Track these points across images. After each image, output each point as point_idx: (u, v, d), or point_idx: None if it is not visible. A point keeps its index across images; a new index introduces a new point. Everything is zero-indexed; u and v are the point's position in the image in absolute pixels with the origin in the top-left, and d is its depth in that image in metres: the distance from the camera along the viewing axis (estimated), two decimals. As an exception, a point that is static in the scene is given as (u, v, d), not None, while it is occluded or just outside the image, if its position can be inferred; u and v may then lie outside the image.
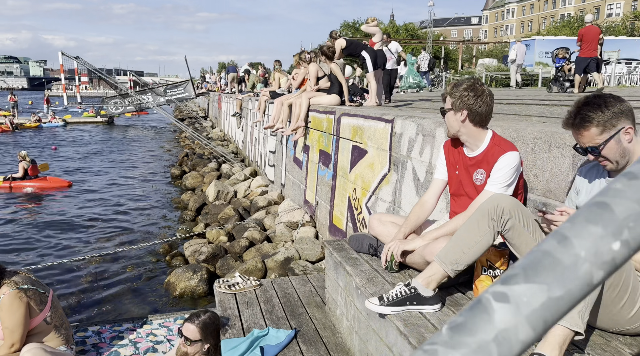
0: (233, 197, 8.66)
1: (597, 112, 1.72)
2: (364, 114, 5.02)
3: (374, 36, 9.15)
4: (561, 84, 12.33)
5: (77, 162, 15.28)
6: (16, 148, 18.45)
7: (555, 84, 12.60)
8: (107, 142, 21.12)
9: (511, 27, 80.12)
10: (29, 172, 11.45)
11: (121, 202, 9.97)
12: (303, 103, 7.08)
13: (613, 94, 1.82)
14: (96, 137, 23.07)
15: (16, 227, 8.24)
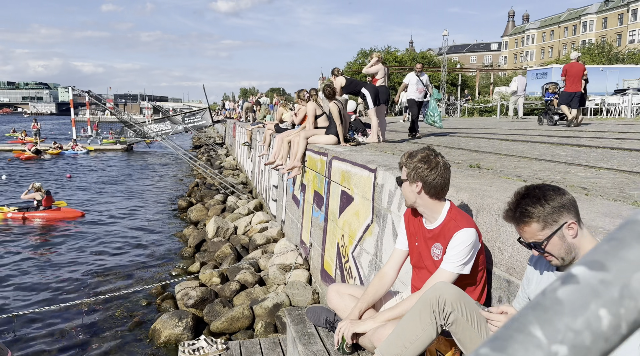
0: (233, 233, 8.59)
1: (537, 207, 1.59)
2: (352, 160, 4.91)
3: (377, 73, 9.13)
4: (550, 117, 13.03)
5: (91, 191, 15.50)
6: (36, 176, 18.88)
7: (546, 116, 13.33)
8: (124, 170, 21.44)
9: (531, 53, 79.82)
10: (43, 203, 11.64)
11: (127, 235, 10.01)
12: (300, 142, 7.03)
13: (554, 186, 1.69)
14: (114, 165, 23.47)
15: (17, 262, 8.30)
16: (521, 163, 5.25)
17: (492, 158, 5.82)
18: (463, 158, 5.82)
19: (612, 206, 2.39)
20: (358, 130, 9.02)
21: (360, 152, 5.70)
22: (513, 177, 3.72)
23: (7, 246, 9.47)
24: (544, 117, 13.42)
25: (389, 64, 43.15)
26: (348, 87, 8.78)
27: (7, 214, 11.61)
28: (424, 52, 49.88)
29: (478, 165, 4.53)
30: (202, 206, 11.29)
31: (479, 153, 6.59)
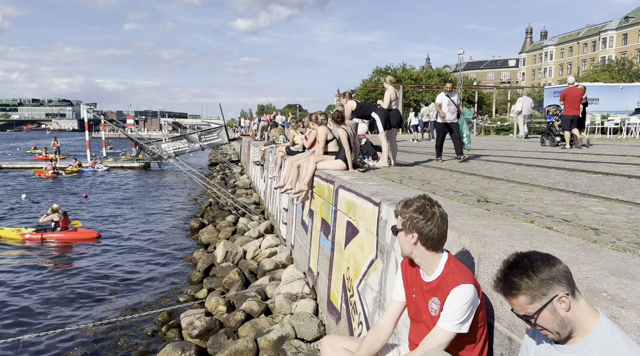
0: (242, 257, 8.53)
1: (524, 279, 1.49)
2: (357, 191, 4.82)
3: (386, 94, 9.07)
4: (552, 139, 13.50)
5: (107, 211, 15.65)
6: (55, 194, 19.17)
7: (548, 138, 13.82)
8: (140, 189, 21.64)
9: (549, 69, 79.14)
10: (60, 224, 11.75)
11: (139, 258, 10.03)
12: (309, 166, 6.97)
13: (544, 255, 1.57)
14: (130, 183, 23.74)
15: (26, 283, 8.36)
16: (533, 195, 5.10)
17: (504, 188, 5.67)
18: (473, 186, 5.69)
19: (621, 259, 2.25)
20: (369, 154, 8.94)
21: (367, 180, 5.61)
22: (521, 216, 3.58)
23: (21, 267, 9.56)
24: (546, 138, 13.93)
25: (404, 81, 43.15)
26: (359, 111, 8.74)
27: (25, 235, 11.74)
28: (439, 70, 49.83)
29: (486, 199, 4.39)
30: (213, 228, 11.28)
31: (490, 181, 6.44)
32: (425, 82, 43.78)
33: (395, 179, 6.13)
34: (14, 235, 11.81)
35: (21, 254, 10.53)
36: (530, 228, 2.99)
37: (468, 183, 6.10)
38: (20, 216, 14.80)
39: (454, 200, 4.20)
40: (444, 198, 4.28)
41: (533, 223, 3.26)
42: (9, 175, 26.25)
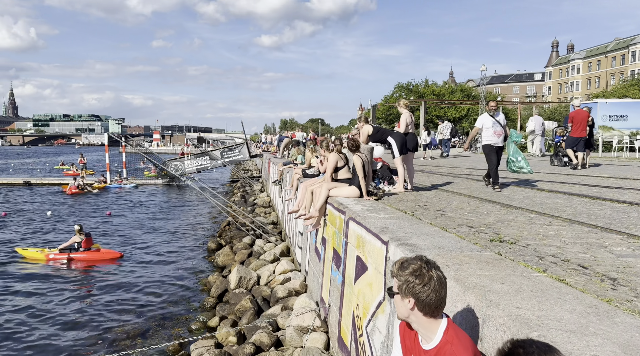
0: (255, 283, 8.45)
1: None
2: (367, 225, 4.70)
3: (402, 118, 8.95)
4: (560, 159, 14.00)
5: (129, 229, 15.83)
6: (80, 211, 19.54)
7: (556, 158, 14.32)
8: (163, 206, 21.88)
9: (576, 83, 77.63)
10: (83, 245, 11.91)
11: (155, 280, 10.05)
12: (322, 193, 6.88)
13: (542, 345, 1.44)
14: (154, 200, 24.03)
15: (43, 307, 8.43)
16: (551, 229, 4.88)
17: (522, 220, 5.46)
18: (490, 218, 5.49)
19: (635, 329, 2.07)
20: (384, 178, 8.81)
21: (378, 212, 5.48)
22: (534, 262, 3.40)
23: (40, 289, 9.69)
24: (554, 158, 14.44)
25: (426, 97, 42.86)
26: (375, 135, 8.64)
27: (50, 255, 11.90)
28: (462, 85, 49.38)
29: (500, 239, 4.21)
30: (229, 250, 11.26)
31: (509, 210, 6.22)
32: (447, 98, 43.39)
33: (409, 209, 5.98)
34: (38, 255, 12.00)
35: (44, 275, 10.68)
36: (541, 281, 2.82)
37: (485, 214, 5.91)
38: (45, 234, 15.08)
39: (465, 240, 4.04)
40: (455, 237, 4.12)
41: (546, 273, 3.08)
42: (37, 191, 26.91)
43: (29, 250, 12.29)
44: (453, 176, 12.32)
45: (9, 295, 9.23)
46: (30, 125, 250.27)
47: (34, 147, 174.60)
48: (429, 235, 4.16)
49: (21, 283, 10.08)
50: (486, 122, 8.36)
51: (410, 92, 45.30)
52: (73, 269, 11.18)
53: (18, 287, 9.84)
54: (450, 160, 19.96)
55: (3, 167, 52.25)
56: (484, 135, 8.46)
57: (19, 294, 9.43)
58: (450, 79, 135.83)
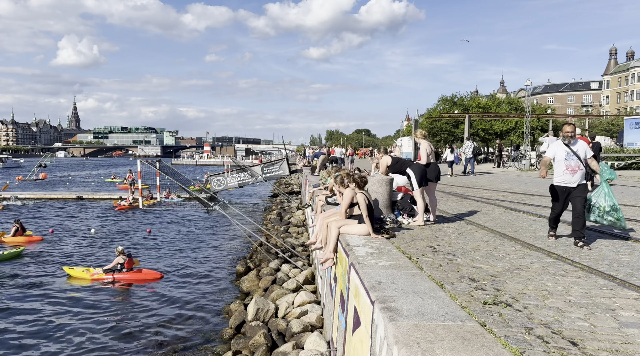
0: (273, 315, 8.44)
1: None
2: (362, 277, 4.59)
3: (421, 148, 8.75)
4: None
5: (167, 247, 16.31)
6: (123, 228, 20.35)
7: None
8: (205, 222, 22.40)
9: (637, 92, 73.46)
10: (125, 265, 12.37)
11: (182, 305, 10.26)
12: (332, 232, 6.80)
13: None
14: (195, 215, 24.66)
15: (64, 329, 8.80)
16: (561, 284, 4.56)
17: (535, 268, 5.17)
18: (501, 265, 5.23)
19: None
20: (405, 210, 8.61)
21: (381, 257, 5.35)
22: (518, 336, 3.19)
23: (81, 308, 10.15)
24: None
25: (472, 110, 41.85)
26: (394, 166, 8.50)
27: (94, 275, 12.39)
28: (510, 97, 47.83)
29: (494, 300, 3.98)
30: (255, 275, 11.35)
31: (526, 252, 5.89)
32: (494, 111, 42.14)
33: (418, 252, 5.80)
34: (83, 274, 12.52)
35: (83, 295, 11.15)
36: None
37: (498, 259, 5.65)
38: (88, 252, 15.77)
39: (455, 302, 3.85)
40: (446, 298, 3.94)
41: (521, 357, 2.88)
42: (88, 206, 28.25)
43: (75, 269, 12.83)
44: (486, 202, 11.92)
45: (45, 311, 9.70)
46: (91, 138, 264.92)
47: (93, 158, 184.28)
48: (420, 294, 4.00)
49: (60, 302, 10.59)
50: (559, 152, 6.36)
51: (455, 105, 44.36)
52: (113, 290, 11.59)
53: (56, 305, 10.35)
54: (490, 180, 19.33)
55: (63, 179, 55.41)
56: (554, 169, 6.57)
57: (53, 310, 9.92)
58: (501, 88, 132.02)
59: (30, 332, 8.89)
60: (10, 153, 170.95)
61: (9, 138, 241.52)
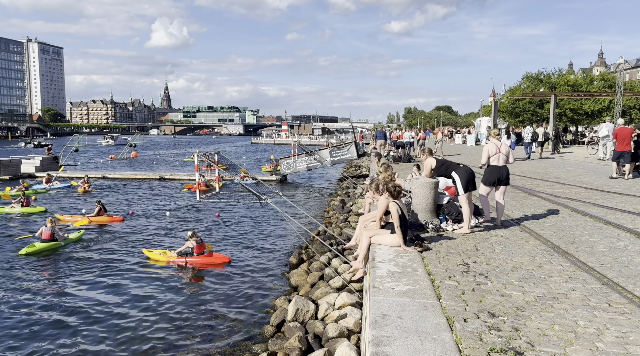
0: (312, 316, 8.44)
1: None
2: (370, 307, 4.39)
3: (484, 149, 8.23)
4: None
5: (233, 232, 16.93)
6: (196, 211, 21.38)
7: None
8: (268, 208, 22.91)
9: None
10: (195, 250, 13.03)
11: (234, 295, 10.56)
12: (363, 241, 6.61)
13: None
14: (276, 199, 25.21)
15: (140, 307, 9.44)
16: (597, 322, 4.05)
17: (575, 297, 4.64)
18: (536, 292, 4.76)
19: None
20: (451, 215, 8.15)
21: (401, 278, 5.09)
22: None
23: (153, 289, 10.91)
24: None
25: (559, 88, 38.58)
26: (439, 169, 8.05)
27: (169, 258, 13.19)
28: (604, 74, 43.46)
29: (504, 348, 3.62)
30: (305, 269, 11.41)
31: (573, 273, 5.31)
32: (585, 88, 38.58)
33: (446, 271, 5.45)
34: (160, 257, 13.37)
35: (159, 277, 11.93)
36: None
37: (536, 283, 5.16)
38: (163, 235, 16.76)
39: (458, 348, 3.55)
40: (449, 343, 3.64)
41: None
42: (167, 186, 29.96)
43: (153, 252, 13.71)
44: (554, 201, 11.02)
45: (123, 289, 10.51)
46: (181, 116, 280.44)
47: (181, 136, 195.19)
48: (422, 334, 3.74)
49: (136, 282, 11.45)
50: None
51: (541, 82, 41.17)
52: (182, 273, 12.25)
53: (132, 284, 11.24)
54: (569, 170, 17.86)
55: (152, 158, 59.30)
56: None
57: (128, 290, 10.81)
58: (599, 60, 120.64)
59: (103, 309, 9.70)
60: (110, 130, 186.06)
61: (109, 117, 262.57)
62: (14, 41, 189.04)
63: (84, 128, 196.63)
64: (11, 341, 8.24)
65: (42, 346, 8.06)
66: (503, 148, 8.18)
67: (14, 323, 9.00)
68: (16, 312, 9.51)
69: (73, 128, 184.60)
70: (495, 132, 8.34)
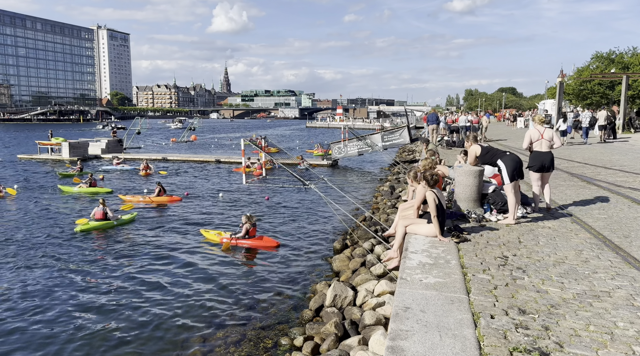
0: (351, 302, 8.44)
1: None
2: (395, 299, 4.32)
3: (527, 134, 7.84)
4: None
5: (280, 216, 17.20)
6: (248, 194, 21.90)
7: None
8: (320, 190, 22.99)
9: None
10: (250, 233, 13.42)
11: (276, 278, 10.79)
12: (399, 231, 6.50)
13: None
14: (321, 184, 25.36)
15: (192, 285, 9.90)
16: (634, 327, 3.76)
17: (619, 296, 4.33)
18: (577, 289, 4.50)
19: None
20: (497, 204, 7.83)
21: (432, 271, 4.97)
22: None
23: (203, 268, 11.38)
24: None
25: (633, 68, 35.81)
26: (484, 156, 7.75)
27: (223, 239, 13.64)
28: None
29: (527, 349, 3.45)
30: (348, 254, 11.41)
31: (620, 272, 4.94)
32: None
33: (478, 267, 5.26)
34: (215, 237, 13.87)
35: (214, 256, 12.43)
36: None
37: (578, 279, 4.89)
38: (216, 216, 17.32)
39: (479, 345, 3.43)
40: (470, 340, 3.53)
41: None
42: (224, 169, 30.84)
43: (209, 232, 14.24)
44: (614, 191, 10.37)
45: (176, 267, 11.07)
46: (239, 100, 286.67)
47: (239, 120, 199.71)
48: (443, 330, 3.64)
49: (190, 261, 11.96)
50: None
51: (612, 63, 38.37)
52: (234, 254, 12.63)
53: (183, 263, 11.77)
54: (635, 158, 16.62)
55: (210, 141, 61.17)
56: None
57: (181, 268, 11.33)
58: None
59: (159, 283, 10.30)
60: (173, 114, 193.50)
61: (172, 101, 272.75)
62: (85, 28, 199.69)
63: (149, 112, 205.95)
64: (64, 317, 8.78)
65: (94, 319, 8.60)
66: (546, 134, 7.75)
67: (69, 296, 9.63)
68: (71, 286, 10.17)
69: (139, 111, 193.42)
70: (539, 118, 7.90)
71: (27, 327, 8.26)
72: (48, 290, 9.90)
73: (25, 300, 9.39)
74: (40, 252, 12.57)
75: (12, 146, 51.35)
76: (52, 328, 8.27)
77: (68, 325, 8.38)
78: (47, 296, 9.58)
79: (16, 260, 11.94)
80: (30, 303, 9.24)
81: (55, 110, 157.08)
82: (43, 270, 11.12)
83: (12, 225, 15.60)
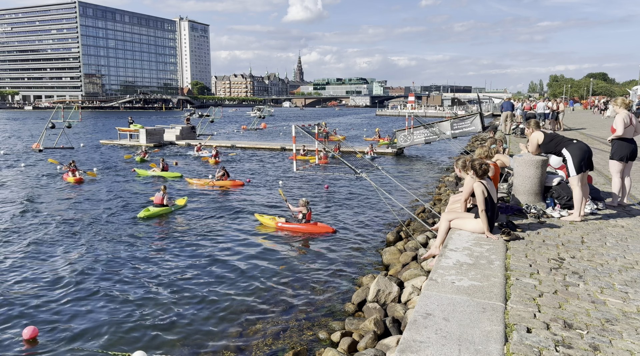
0: (395, 298, 7.97)
1: None
2: (421, 302, 3.85)
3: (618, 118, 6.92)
4: None
5: (338, 205, 16.92)
6: (306, 182, 21.83)
7: None
8: (383, 180, 22.43)
9: None
10: (307, 217, 13.39)
11: (326, 267, 10.53)
12: (442, 225, 5.94)
13: None
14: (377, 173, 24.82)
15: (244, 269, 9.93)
16: None
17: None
18: (633, 306, 3.76)
19: None
20: (561, 199, 6.99)
21: (469, 271, 4.42)
22: None
23: (255, 253, 11.51)
24: None
25: None
26: (547, 145, 6.92)
27: (278, 223, 13.75)
28: None
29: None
30: (400, 247, 10.89)
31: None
32: None
33: (526, 270, 4.61)
34: (270, 222, 13.97)
35: (268, 240, 12.53)
36: None
37: (633, 296, 4.12)
38: (274, 202, 17.41)
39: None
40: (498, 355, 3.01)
41: None
42: (287, 156, 31.07)
43: (264, 217, 14.38)
44: None
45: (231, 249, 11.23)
46: (311, 89, 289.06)
47: (309, 109, 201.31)
48: (465, 344, 3.15)
49: (245, 243, 12.19)
50: None
51: None
52: (287, 239, 12.64)
53: (237, 246, 11.98)
54: None
55: (279, 129, 62.08)
56: None
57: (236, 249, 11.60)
58: None
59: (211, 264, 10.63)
60: (249, 103, 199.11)
61: (247, 90, 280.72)
62: (168, 20, 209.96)
63: (226, 101, 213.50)
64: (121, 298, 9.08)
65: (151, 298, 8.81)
66: (634, 120, 6.76)
67: (130, 280, 9.96)
68: (132, 270, 10.53)
69: (217, 100, 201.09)
70: (623, 101, 6.88)
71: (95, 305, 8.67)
72: (111, 270, 10.39)
73: (91, 278, 9.89)
74: (105, 232, 13.24)
75: (99, 132, 55.22)
76: (111, 305, 8.61)
77: (124, 304, 8.68)
78: (111, 274, 10.12)
79: (82, 237, 12.65)
80: (95, 283, 9.72)
81: (141, 99, 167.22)
82: (107, 250, 11.68)
83: (87, 206, 16.63)
